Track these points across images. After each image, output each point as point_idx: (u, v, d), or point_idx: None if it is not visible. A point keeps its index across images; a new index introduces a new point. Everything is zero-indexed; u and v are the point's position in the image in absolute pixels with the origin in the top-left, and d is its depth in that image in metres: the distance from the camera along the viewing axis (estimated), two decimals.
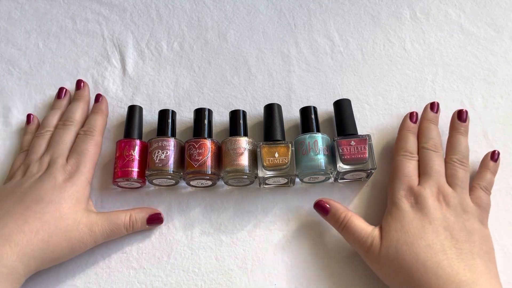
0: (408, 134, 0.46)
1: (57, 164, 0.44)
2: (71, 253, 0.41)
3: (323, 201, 0.44)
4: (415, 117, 0.47)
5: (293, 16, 0.58)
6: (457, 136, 0.46)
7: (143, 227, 0.45)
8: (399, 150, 0.45)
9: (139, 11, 0.59)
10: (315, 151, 0.44)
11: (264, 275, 0.44)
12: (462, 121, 0.46)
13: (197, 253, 0.45)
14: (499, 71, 0.53)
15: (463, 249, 0.38)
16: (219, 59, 0.56)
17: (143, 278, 0.44)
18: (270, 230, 0.46)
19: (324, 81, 0.54)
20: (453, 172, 0.43)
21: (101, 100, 0.51)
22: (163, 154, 0.45)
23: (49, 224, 0.40)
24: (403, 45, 0.56)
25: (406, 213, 0.41)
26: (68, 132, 0.47)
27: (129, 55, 0.56)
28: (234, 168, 0.44)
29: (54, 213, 0.40)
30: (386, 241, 0.40)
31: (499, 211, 0.46)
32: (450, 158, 0.44)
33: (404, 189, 0.42)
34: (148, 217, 0.44)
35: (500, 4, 0.57)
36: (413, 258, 0.38)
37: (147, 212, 0.45)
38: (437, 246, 0.38)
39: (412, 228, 0.40)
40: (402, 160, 0.45)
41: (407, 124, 0.47)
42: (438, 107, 0.48)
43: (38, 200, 0.41)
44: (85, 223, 0.41)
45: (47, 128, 0.48)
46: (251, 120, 0.52)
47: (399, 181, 0.43)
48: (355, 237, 0.41)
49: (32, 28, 0.58)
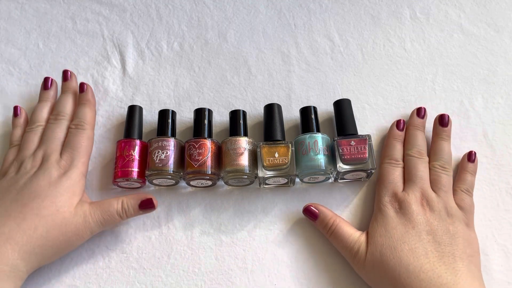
0: (394, 142, 0.47)
1: (51, 160, 0.44)
2: (68, 246, 0.41)
3: (311, 207, 0.44)
4: (402, 125, 0.48)
5: (293, 16, 0.58)
6: (439, 142, 0.47)
7: (136, 213, 0.44)
8: (385, 157, 0.47)
9: (139, 11, 0.59)
10: (315, 151, 0.44)
11: (264, 275, 0.44)
12: (444, 126, 0.47)
13: (197, 253, 0.45)
14: (499, 71, 0.54)
15: (445, 252, 0.39)
16: (219, 59, 0.56)
17: (143, 278, 0.44)
18: (270, 230, 0.46)
19: (324, 81, 0.54)
20: (436, 177, 0.44)
21: (86, 90, 0.50)
22: (163, 154, 0.45)
23: (46, 219, 0.40)
24: (403, 45, 0.56)
25: (391, 218, 0.42)
26: (60, 126, 0.47)
27: (129, 55, 0.56)
28: (234, 168, 0.44)
29: (51, 208, 0.40)
30: (372, 247, 0.41)
31: (499, 211, 0.46)
32: (432, 164, 0.45)
33: (389, 195, 0.44)
34: (140, 203, 0.43)
35: (500, 4, 0.58)
36: (397, 262, 0.39)
37: (139, 198, 0.44)
38: (420, 250, 0.39)
39: (396, 233, 0.41)
40: (388, 167, 0.46)
41: (394, 132, 0.48)
42: (425, 113, 0.49)
43: (34, 197, 0.41)
44: (80, 215, 0.41)
45: (38, 122, 0.48)
46: (251, 120, 0.52)
47: (384, 188, 0.44)
48: (342, 243, 0.42)
49: (32, 28, 0.58)
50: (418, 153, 0.46)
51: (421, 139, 0.47)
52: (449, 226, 0.41)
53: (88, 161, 0.47)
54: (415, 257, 0.39)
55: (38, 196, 0.41)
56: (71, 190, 0.42)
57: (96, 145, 0.50)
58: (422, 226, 0.41)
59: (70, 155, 0.45)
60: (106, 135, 0.51)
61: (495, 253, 0.44)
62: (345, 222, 0.44)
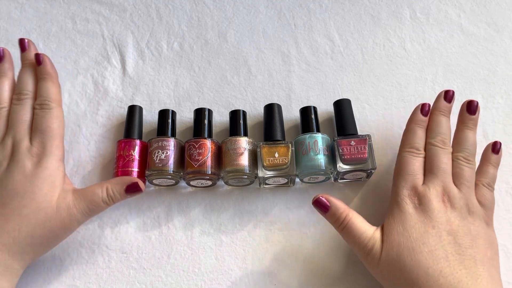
0: (416, 128, 0.43)
1: (22, 148, 0.41)
2: (57, 239, 0.40)
3: (323, 198, 0.40)
4: (427, 109, 0.43)
5: (293, 16, 0.58)
6: (465, 131, 0.43)
7: (123, 198, 0.42)
8: (405, 145, 0.43)
9: (139, 11, 0.59)
10: (315, 151, 0.44)
11: (264, 275, 0.44)
12: (472, 114, 0.43)
13: (197, 253, 0.45)
14: (499, 71, 0.54)
15: (466, 255, 0.37)
16: (219, 59, 0.56)
17: (143, 278, 0.44)
18: (270, 230, 0.46)
19: (324, 81, 0.54)
20: (459, 170, 0.41)
21: (43, 61, 0.44)
22: (163, 154, 0.45)
23: (28, 218, 0.38)
24: (403, 45, 0.56)
25: (409, 215, 0.39)
26: (25, 107, 0.43)
27: (129, 55, 0.56)
28: (234, 168, 0.44)
29: (31, 205, 0.38)
30: (387, 245, 0.38)
31: (499, 211, 0.46)
32: (456, 155, 0.42)
33: (407, 189, 0.40)
34: (126, 187, 0.41)
35: (500, 4, 0.58)
36: (415, 264, 0.36)
37: (124, 183, 0.41)
38: (440, 252, 0.37)
39: (414, 232, 0.38)
40: (407, 157, 0.42)
41: (416, 117, 0.44)
42: (453, 96, 0.44)
43: (13, 195, 0.39)
44: (63, 208, 0.39)
45: (1, 104, 0.43)
46: (251, 120, 0.52)
47: (403, 180, 0.41)
48: (355, 239, 0.39)
49: (32, 28, 0.58)
50: (442, 143, 0.42)
51: (446, 127, 0.43)
52: (470, 226, 0.38)
53: (62, 142, 0.43)
54: (435, 260, 0.36)
55: (16, 193, 0.39)
56: (50, 182, 0.40)
57: (96, 145, 0.50)
58: (443, 226, 0.38)
59: (41, 140, 0.41)
60: (106, 135, 0.51)
61: None
62: (358, 216, 0.40)
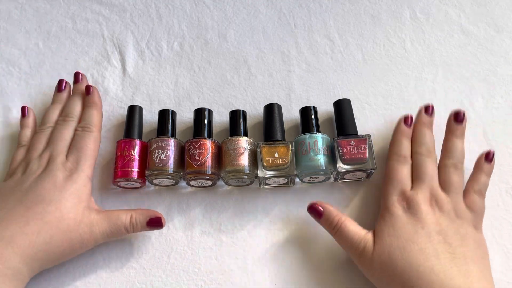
0: (402, 138, 0.46)
1: (57, 161, 0.43)
2: (71, 253, 0.41)
3: (316, 204, 0.43)
4: (409, 121, 0.46)
5: (293, 16, 0.58)
6: (453, 139, 0.45)
7: (143, 229, 0.44)
8: (392, 154, 0.45)
9: (139, 11, 0.59)
10: (315, 151, 0.44)
11: (264, 275, 0.44)
12: (459, 122, 0.45)
13: (197, 253, 0.45)
14: (499, 71, 0.53)
15: (456, 253, 0.38)
16: (219, 59, 0.56)
17: (143, 278, 0.44)
18: (270, 230, 0.46)
19: (324, 81, 0.54)
20: (447, 177, 0.43)
21: (92, 92, 0.50)
22: (163, 154, 0.45)
23: (50, 225, 0.39)
24: (403, 45, 0.56)
25: (399, 217, 0.41)
26: (67, 128, 0.47)
27: (129, 55, 0.56)
28: (234, 168, 0.44)
29: (55, 213, 0.40)
30: (379, 246, 0.39)
31: (499, 211, 0.46)
32: (444, 163, 0.44)
33: (396, 194, 0.42)
34: (149, 220, 0.43)
35: (500, 4, 0.57)
36: (406, 263, 0.37)
37: (148, 215, 0.43)
38: (430, 250, 0.38)
39: (404, 232, 0.39)
40: (395, 165, 0.44)
41: (401, 128, 0.46)
42: (433, 110, 0.47)
43: (39, 201, 0.40)
44: (85, 223, 0.41)
45: (48, 124, 0.48)
46: (251, 120, 0.52)
47: (391, 186, 0.43)
48: (348, 241, 0.41)
49: (32, 28, 0.58)
50: (427, 152, 0.44)
51: (429, 137, 0.45)
52: (459, 227, 0.40)
53: (94, 164, 0.46)
54: (425, 257, 0.37)
55: (43, 199, 0.40)
56: (77, 195, 0.42)
57: None
58: (432, 226, 0.39)
59: (76, 157, 0.44)
60: (106, 135, 0.51)
61: (495, 253, 0.44)
62: (350, 220, 0.42)
